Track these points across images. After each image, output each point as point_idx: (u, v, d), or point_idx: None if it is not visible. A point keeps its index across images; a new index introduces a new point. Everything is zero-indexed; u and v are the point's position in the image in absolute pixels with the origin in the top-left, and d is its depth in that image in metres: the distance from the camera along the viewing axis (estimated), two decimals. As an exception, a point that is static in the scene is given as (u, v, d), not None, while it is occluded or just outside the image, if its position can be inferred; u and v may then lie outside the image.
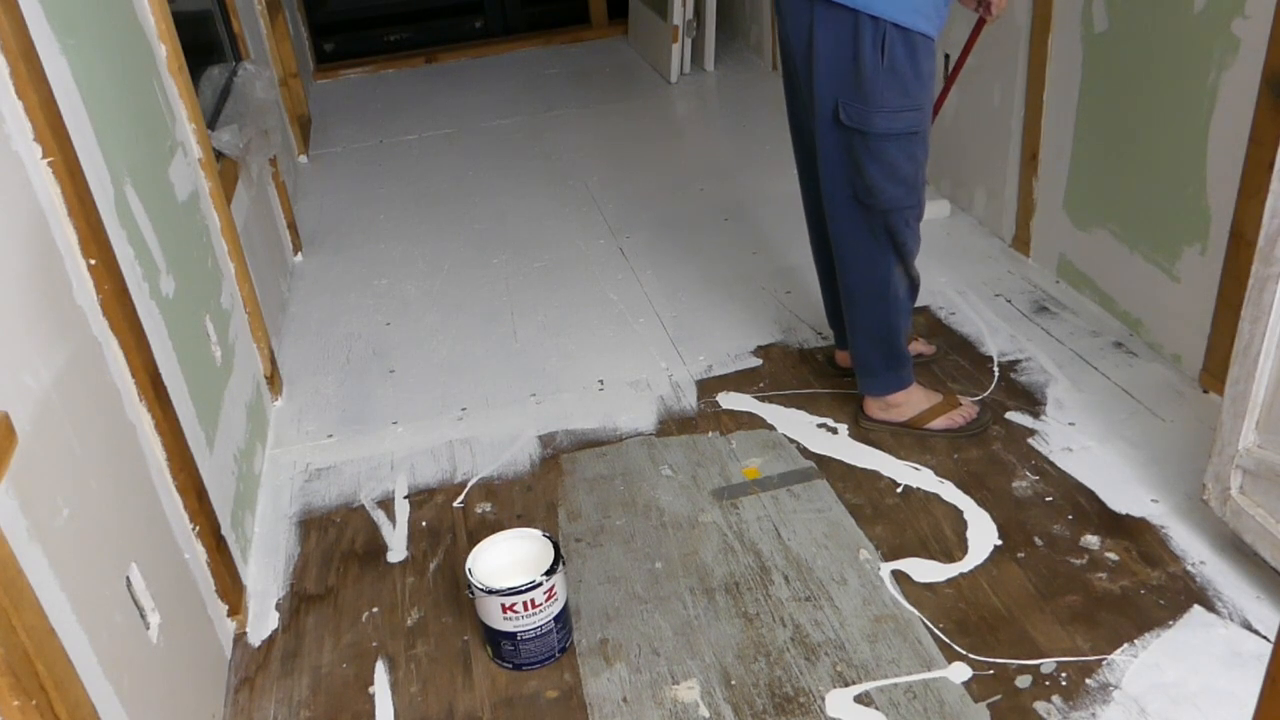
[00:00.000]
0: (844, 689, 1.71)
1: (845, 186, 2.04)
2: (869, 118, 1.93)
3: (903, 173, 2.00)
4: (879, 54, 1.86)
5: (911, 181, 2.03)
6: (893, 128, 1.94)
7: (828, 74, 1.93)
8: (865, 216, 2.06)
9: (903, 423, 2.28)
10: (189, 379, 1.93)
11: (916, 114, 1.95)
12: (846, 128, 1.95)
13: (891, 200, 2.02)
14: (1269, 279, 1.62)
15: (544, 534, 1.84)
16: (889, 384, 2.26)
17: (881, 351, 2.23)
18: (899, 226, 2.07)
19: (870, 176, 1.99)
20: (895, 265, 2.13)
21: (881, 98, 1.90)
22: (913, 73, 1.90)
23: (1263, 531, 1.73)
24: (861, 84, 1.90)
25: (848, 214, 2.08)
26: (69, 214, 1.50)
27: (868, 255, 2.12)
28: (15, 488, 1.17)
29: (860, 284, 2.17)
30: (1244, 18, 2.03)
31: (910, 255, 2.14)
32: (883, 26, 1.84)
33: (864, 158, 1.97)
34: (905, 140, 1.97)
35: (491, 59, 5.69)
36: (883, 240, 2.08)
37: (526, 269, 3.26)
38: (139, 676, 1.42)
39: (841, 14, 1.86)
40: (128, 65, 2.00)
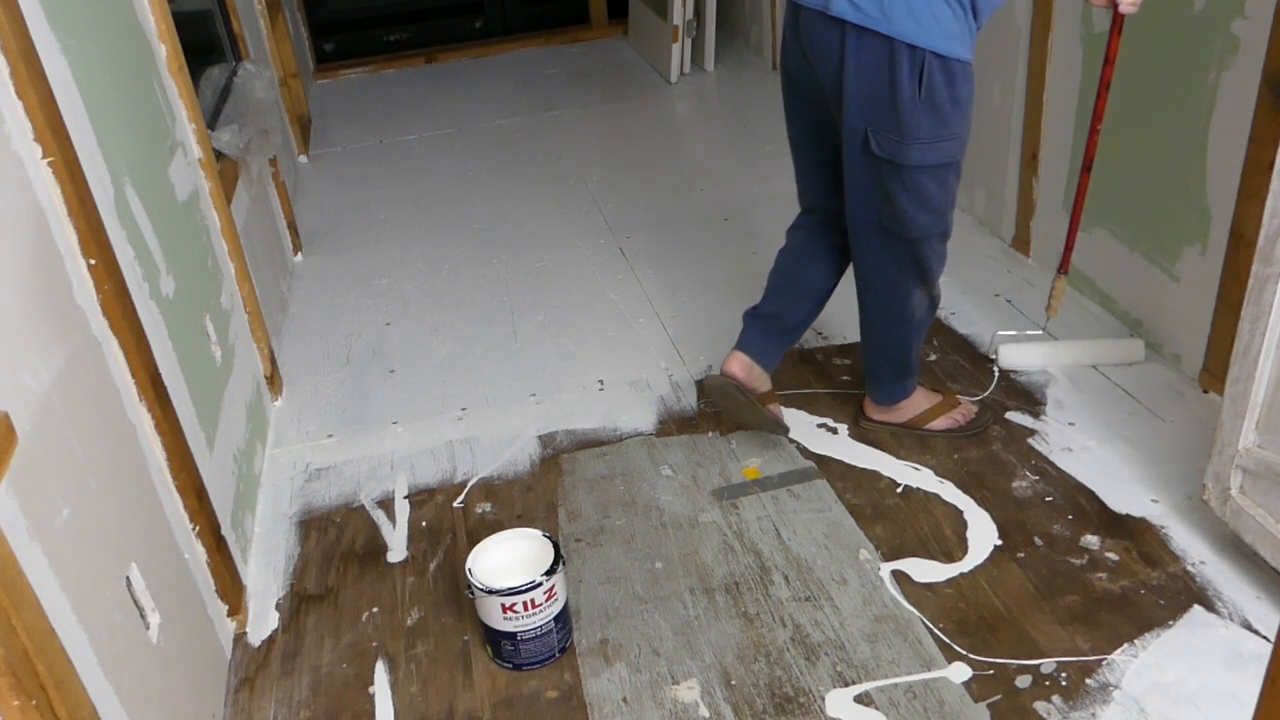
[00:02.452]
0: (844, 689, 1.71)
1: (871, 214, 1.98)
2: (903, 150, 1.84)
3: (935, 203, 1.93)
4: (917, 84, 1.77)
5: (942, 210, 1.97)
6: (928, 160, 1.86)
7: (859, 103, 1.84)
8: (891, 243, 2.00)
9: (902, 423, 2.28)
10: (189, 379, 1.93)
11: (954, 144, 1.87)
12: (877, 158, 1.87)
13: (921, 230, 1.96)
14: (1269, 279, 1.63)
15: (544, 534, 1.84)
16: (895, 394, 2.25)
17: (892, 366, 2.22)
18: (926, 253, 2.02)
19: (900, 207, 1.92)
20: (917, 289, 2.08)
21: (917, 129, 1.82)
22: (950, 102, 1.80)
23: (1263, 531, 1.73)
24: (897, 115, 1.81)
25: (873, 240, 2.02)
26: (69, 214, 1.50)
27: (890, 280, 2.08)
28: (15, 488, 1.17)
29: (879, 306, 2.14)
30: (1244, 18, 2.03)
31: (934, 278, 2.09)
32: (920, 55, 1.75)
33: (895, 188, 1.90)
34: (940, 170, 1.89)
35: (491, 59, 5.69)
36: (907, 266, 2.03)
37: (526, 269, 3.26)
38: (139, 676, 1.42)
39: (876, 41, 1.76)
40: (128, 65, 2.00)
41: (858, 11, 1.76)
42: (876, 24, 1.75)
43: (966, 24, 1.77)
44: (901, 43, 1.74)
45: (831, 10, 1.79)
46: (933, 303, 2.16)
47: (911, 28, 1.73)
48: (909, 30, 1.73)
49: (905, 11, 1.73)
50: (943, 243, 2.04)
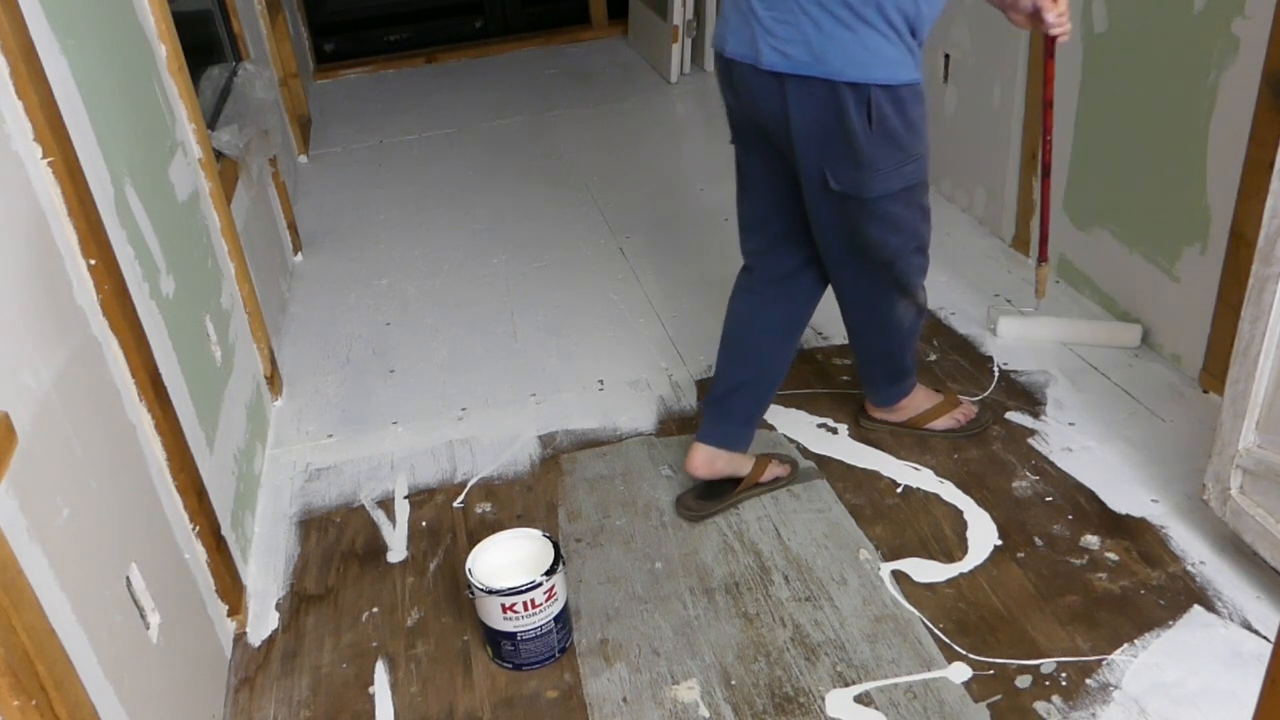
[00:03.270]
0: (844, 689, 1.71)
1: (842, 244, 1.93)
2: (865, 184, 1.78)
3: (903, 223, 1.89)
4: (866, 120, 1.70)
5: (913, 227, 1.92)
6: (891, 187, 1.80)
7: (810, 145, 1.77)
8: (865, 267, 1.96)
9: (903, 423, 2.27)
10: (189, 379, 1.93)
11: (915, 165, 1.81)
12: (838, 194, 1.81)
13: (894, 252, 1.92)
14: (1269, 279, 1.62)
15: (544, 534, 1.84)
16: (893, 396, 2.24)
17: (886, 372, 2.20)
18: (902, 270, 1.97)
19: (870, 236, 1.88)
20: (900, 302, 2.04)
21: (875, 162, 1.76)
22: (905, 128, 1.74)
23: (1263, 531, 1.73)
24: (853, 152, 1.74)
25: (847, 267, 1.98)
26: (69, 214, 1.50)
27: (871, 300, 2.05)
28: (15, 488, 1.17)
29: (864, 323, 2.12)
30: (1244, 18, 2.03)
31: (916, 288, 2.04)
32: (865, 91, 1.67)
33: (862, 220, 1.85)
34: (905, 194, 1.83)
35: (491, 59, 5.69)
36: (885, 284, 1.99)
37: (526, 269, 3.26)
38: (139, 676, 1.42)
39: (816, 85, 1.69)
40: (128, 65, 2.00)
41: (790, 61, 1.70)
42: (812, 69, 1.68)
43: (904, 46, 1.70)
44: (842, 83, 1.67)
45: (763, 65, 1.73)
46: (919, 309, 2.11)
47: (848, 66, 1.66)
48: (846, 69, 1.67)
49: (838, 51, 1.66)
50: (920, 254, 1.99)
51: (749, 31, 1.74)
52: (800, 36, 1.68)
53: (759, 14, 1.72)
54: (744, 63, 1.77)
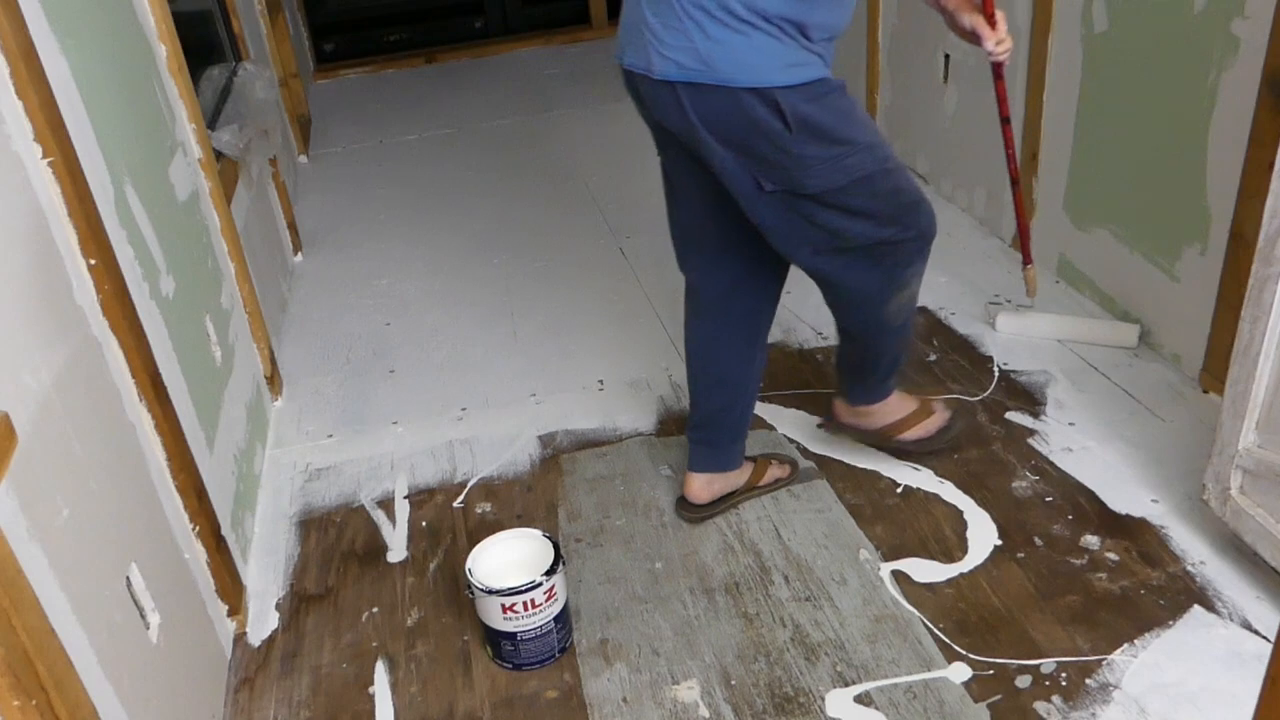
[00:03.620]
0: (844, 689, 1.71)
1: (808, 243, 1.76)
2: (801, 178, 1.65)
3: (868, 209, 1.71)
4: (783, 123, 1.58)
5: (888, 214, 1.74)
6: (835, 181, 1.65)
7: (730, 153, 1.65)
8: (841, 259, 1.78)
9: (873, 430, 2.12)
10: (189, 379, 1.93)
11: (862, 156, 1.65)
12: (778, 193, 1.68)
13: (865, 235, 1.74)
14: (1269, 279, 1.62)
15: (544, 534, 1.84)
16: (874, 394, 2.09)
17: (866, 371, 2.05)
18: (882, 258, 1.78)
19: (829, 227, 1.72)
20: (890, 299, 1.86)
21: (805, 158, 1.62)
22: (834, 120, 1.62)
23: (1263, 531, 1.73)
24: (776, 153, 1.62)
25: (825, 265, 1.80)
26: (69, 214, 1.50)
27: (852, 298, 1.87)
28: (15, 488, 1.17)
29: (854, 321, 1.95)
30: (1244, 18, 2.03)
31: (907, 286, 1.87)
32: (770, 95, 1.56)
33: (814, 212, 1.70)
34: (858, 185, 1.67)
35: (491, 59, 5.70)
36: (869, 276, 1.81)
37: (526, 269, 3.26)
38: (139, 676, 1.42)
39: (712, 93, 1.59)
40: (128, 65, 2.00)
41: (681, 69, 1.60)
42: (704, 76, 1.58)
43: (800, 46, 1.58)
44: (741, 89, 1.57)
45: (655, 74, 1.63)
46: (913, 304, 1.96)
47: (740, 71, 1.56)
48: (738, 74, 1.56)
49: (726, 56, 1.56)
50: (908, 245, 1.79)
51: (641, 40, 1.65)
52: (688, 43, 1.58)
53: (649, 21, 1.63)
54: (640, 73, 1.68)
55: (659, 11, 1.61)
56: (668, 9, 1.59)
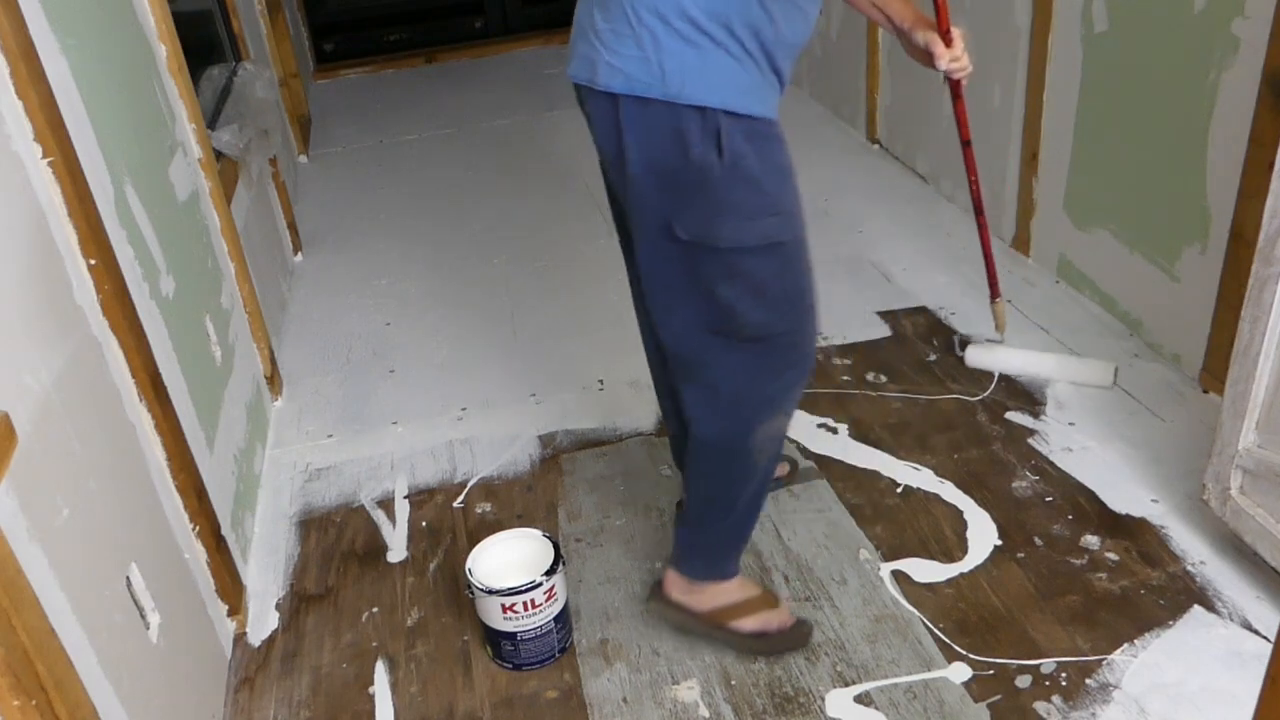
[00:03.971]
0: (844, 689, 1.71)
1: (694, 316, 1.56)
2: (714, 228, 1.48)
3: (769, 293, 1.54)
4: (716, 151, 1.42)
5: (785, 304, 1.56)
6: (746, 239, 1.49)
7: (651, 184, 1.49)
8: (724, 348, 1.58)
9: (703, 614, 1.80)
10: (189, 379, 1.93)
11: (779, 220, 1.50)
12: (685, 243, 1.49)
13: (753, 327, 1.55)
14: (1269, 279, 1.63)
15: (544, 534, 1.84)
16: (708, 569, 1.79)
17: (711, 529, 1.77)
18: (770, 359, 1.59)
19: (724, 299, 1.53)
20: (762, 415, 1.63)
21: (725, 203, 1.46)
22: (765, 170, 1.47)
23: (1263, 531, 1.73)
24: (702, 189, 1.45)
25: (700, 348, 1.59)
26: (69, 214, 1.50)
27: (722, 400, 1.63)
28: (15, 488, 1.17)
29: (708, 436, 1.67)
30: (1244, 18, 2.03)
31: (785, 398, 1.65)
32: (714, 118, 1.41)
33: (714, 277, 1.51)
34: (766, 254, 1.51)
35: (491, 59, 5.69)
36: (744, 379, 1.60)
37: (526, 269, 3.26)
38: (139, 676, 1.42)
39: (657, 109, 1.43)
40: (128, 65, 2.00)
41: (626, 80, 1.44)
42: (651, 89, 1.42)
43: (759, 73, 1.45)
44: (686, 106, 1.41)
45: (599, 84, 1.47)
46: (778, 451, 1.71)
47: (691, 86, 1.41)
48: (688, 89, 1.40)
49: (678, 68, 1.41)
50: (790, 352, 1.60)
51: (589, 48, 1.50)
52: (639, 52, 1.42)
53: (598, 27, 1.48)
54: (584, 85, 1.51)
55: (610, 17, 1.46)
56: (619, 15, 1.44)
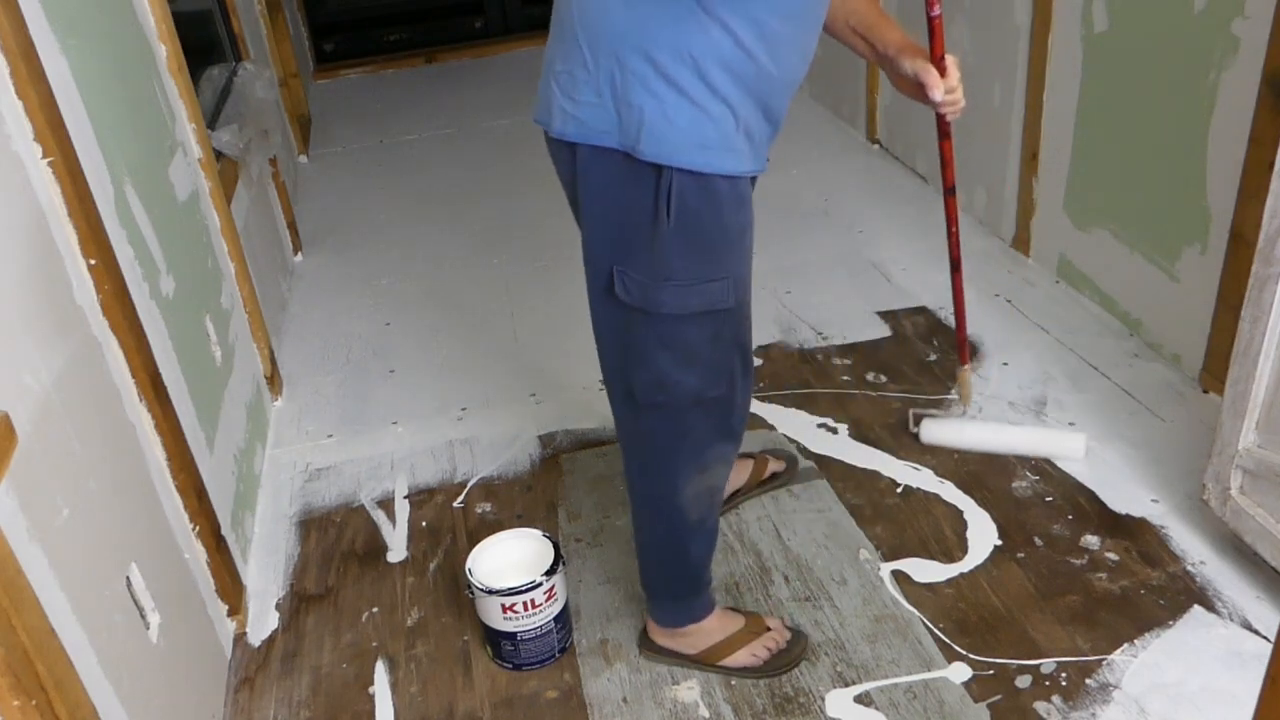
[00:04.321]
0: (844, 689, 1.71)
1: (622, 374, 1.52)
2: (654, 294, 1.40)
3: (705, 358, 1.47)
4: (665, 209, 1.33)
5: (718, 368, 1.49)
6: (688, 305, 1.40)
7: (598, 235, 1.43)
8: (649, 414, 1.53)
9: (692, 656, 1.77)
10: (189, 379, 1.93)
11: (723, 284, 1.41)
12: (626, 305, 1.43)
13: (688, 393, 1.49)
14: (1269, 279, 1.62)
15: (544, 534, 1.84)
16: (676, 616, 1.75)
17: (669, 578, 1.73)
18: (696, 426, 1.53)
19: (657, 367, 1.46)
20: (688, 478, 1.57)
21: (669, 267, 1.37)
22: (717, 231, 1.37)
23: (1263, 531, 1.73)
24: (643, 250, 1.37)
25: (629, 409, 1.55)
26: (69, 214, 1.50)
27: (651, 461, 1.59)
28: (15, 488, 1.17)
29: (644, 495, 1.65)
30: (1244, 18, 2.03)
31: (711, 465, 1.59)
32: (667, 175, 1.31)
33: (649, 344, 1.45)
34: (707, 319, 1.43)
35: (491, 59, 5.69)
36: (671, 444, 1.55)
37: (526, 269, 3.26)
38: (139, 676, 1.42)
39: (612, 160, 1.34)
40: (128, 65, 2.00)
41: (580, 126, 1.36)
42: (605, 138, 1.33)
43: (732, 122, 1.32)
44: (641, 161, 1.32)
45: (555, 131, 1.40)
46: (712, 503, 1.66)
47: (648, 141, 1.30)
48: (646, 144, 1.30)
49: (635, 118, 1.30)
50: (723, 413, 1.55)
51: (548, 91, 1.41)
52: (595, 99, 1.33)
53: (557, 69, 1.39)
54: (544, 127, 1.44)
55: (568, 58, 1.36)
56: (577, 57, 1.34)
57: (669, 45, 1.26)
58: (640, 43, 1.27)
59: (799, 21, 1.33)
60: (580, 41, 1.33)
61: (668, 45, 1.26)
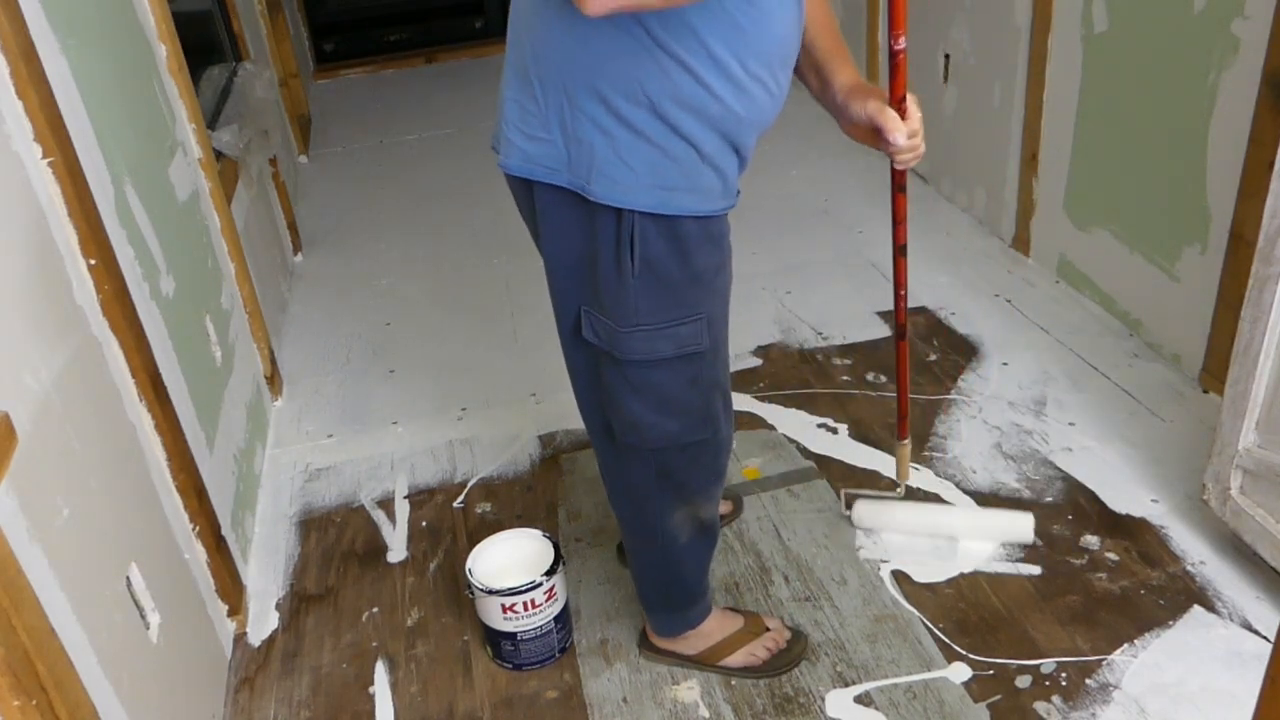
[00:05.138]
0: (844, 689, 1.71)
1: (597, 414, 1.49)
2: (620, 339, 1.34)
3: (681, 403, 1.41)
4: (627, 255, 1.26)
5: (699, 410, 1.44)
6: (658, 351, 1.34)
7: (562, 275, 1.38)
8: (627, 452, 1.49)
9: (692, 657, 1.76)
10: (189, 379, 1.93)
11: (694, 326, 1.35)
12: (594, 347, 1.39)
13: (663, 439, 1.44)
14: (1269, 279, 1.62)
15: (544, 534, 1.84)
16: (673, 625, 1.75)
17: (664, 593, 1.72)
18: (677, 467, 1.49)
19: (630, 412, 1.41)
20: (675, 510, 1.55)
21: (635, 313, 1.31)
22: (684, 274, 1.30)
23: (1263, 531, 1.73)
24: (605, 294, 1.31)
25: (606, 445, 1.53)
26: (69, 214, 1.50)
27: (635, 497, 1.57)
28: (15, 488, 1.17)
29: (630, 525, 1.64)
30: (1244, 18, 2.03)
31: (697, 497, 1.55)
32: (629, 220, 1.25)
33: (618, 388, 1.40)
34: (680, 364, 1.37)
35: (491, 59, 5.68)
36: (652, 481, 1.51)
37: (526, 269, 3.25)
38: (139, 676, 1.42)
39: (567, 198, 1.28)
40: (128, 65, 2.00)
41: (529, 163, 1.30)
42: (554, 177, 1.27)
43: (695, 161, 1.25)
44: (596, 203, 1.25)
45: (502, 164, 1.35)
46: (704, 528, 1.62)
47: (601, 183, 1.24)
48: (598, 186, 1.24)
49: (585, 159, 1.24)
50: (706, 453, 1.50)
51: (501, 119, 1.35)
52: (545, 134, 1.27)
53: (506, 96, 1.33)
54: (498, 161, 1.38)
55: (519, 88, 1.29)
56: (526, 88, 1.28)
57: (622, 83, 1.19)
58: (591, 80, 1.20)
59: (763, 61, 1.24)
60: (531, 73, 1.26)
61: (621, 83, 1.19)
